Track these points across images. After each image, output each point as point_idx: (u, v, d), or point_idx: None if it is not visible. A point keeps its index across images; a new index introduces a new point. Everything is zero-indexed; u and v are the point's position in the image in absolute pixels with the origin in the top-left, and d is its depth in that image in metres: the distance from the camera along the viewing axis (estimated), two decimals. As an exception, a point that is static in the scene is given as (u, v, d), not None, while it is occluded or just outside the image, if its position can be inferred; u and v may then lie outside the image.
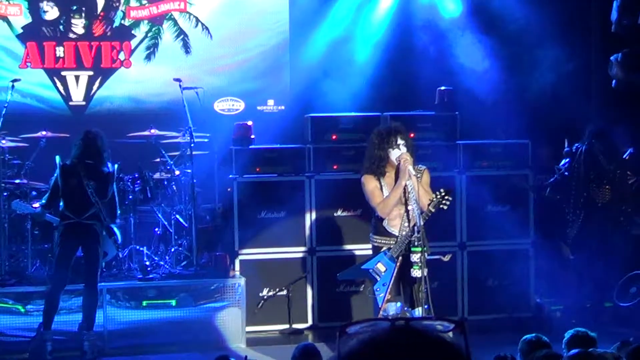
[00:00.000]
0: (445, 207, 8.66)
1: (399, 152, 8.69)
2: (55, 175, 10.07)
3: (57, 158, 10.22)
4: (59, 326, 10.14)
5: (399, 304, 8.77)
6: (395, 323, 2.03)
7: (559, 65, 12.53)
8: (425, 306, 8.46)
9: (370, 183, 8.87)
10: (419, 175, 8.80)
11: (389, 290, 8.74)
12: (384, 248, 8.87)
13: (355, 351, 1.98)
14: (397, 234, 8.79)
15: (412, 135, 9.26)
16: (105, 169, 10.07)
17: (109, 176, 10.07)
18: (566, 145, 11.78)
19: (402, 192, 8.70)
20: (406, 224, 8.69)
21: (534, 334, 6.46)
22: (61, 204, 10.03)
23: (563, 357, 6.01)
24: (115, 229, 10.38)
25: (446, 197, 8.59)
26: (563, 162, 11.74)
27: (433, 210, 8.62)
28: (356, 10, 13.40)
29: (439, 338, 2.00)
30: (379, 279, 8.81)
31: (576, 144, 11.63)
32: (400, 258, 8.73)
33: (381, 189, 8.85)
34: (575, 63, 12.60)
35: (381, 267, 8.80)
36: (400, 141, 8.72)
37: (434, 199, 8.58)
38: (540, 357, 5.88)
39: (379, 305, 8.81)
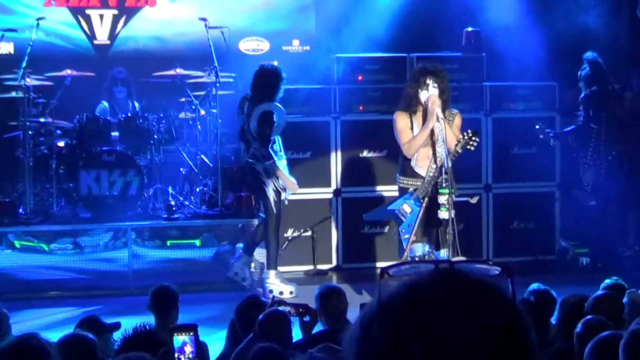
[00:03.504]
0: (472, 148, 8.65)
1: (427, 94, 8.66)
2: None
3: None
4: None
5: (426, 245, 8.77)
6: (439, 266, 1.95)
7: (587, 6, 12.34)
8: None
9: (401, 121, 8.89)
10: (450, 119, 8.79)
11: (414, 231, 8.73)
12: (411, 189, 8.85)
13: (397, 294, 1.89)
14: (424, 175, 8.78)
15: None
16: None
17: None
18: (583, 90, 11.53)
19: (428, 134, 8.69)
20: (434, 166, 8.68)
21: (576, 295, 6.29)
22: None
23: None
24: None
25: (473, 138, 8.58)
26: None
27: (460, 150, 8.60)
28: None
29: (484, 282, 1.91)
30: (404, 220, 8.80)
31: (592, 88, 11.34)
32: (426, 199, 8.72)
33: (412, 127, 8.84)
34: (603, 4, 12.41)
35: (407, 208, 8.78)
36: (430, 82, 8.67)
37: (461, 140, 8.57)
38: None
39: (404, 246, 8.81)
